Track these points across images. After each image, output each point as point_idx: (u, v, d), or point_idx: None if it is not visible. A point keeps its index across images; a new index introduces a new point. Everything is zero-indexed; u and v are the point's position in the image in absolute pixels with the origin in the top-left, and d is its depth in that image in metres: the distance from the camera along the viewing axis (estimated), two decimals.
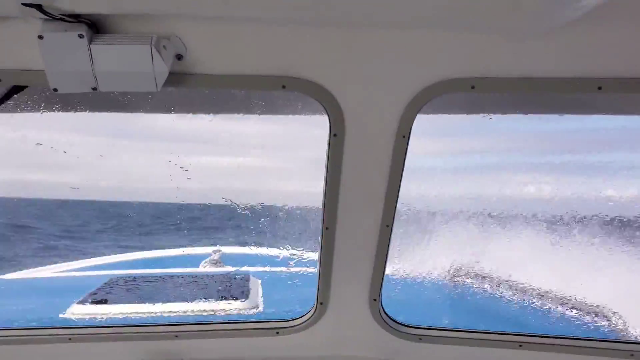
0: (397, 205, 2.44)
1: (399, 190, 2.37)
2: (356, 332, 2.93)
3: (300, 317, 2.89)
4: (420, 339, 2.89)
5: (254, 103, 2.45)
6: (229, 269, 6.44)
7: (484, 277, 4.79)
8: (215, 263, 7.20)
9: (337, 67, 2.01)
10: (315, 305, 2.81)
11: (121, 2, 1.65)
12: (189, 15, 1.80)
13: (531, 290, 4.51)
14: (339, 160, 2.26)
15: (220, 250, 7.64)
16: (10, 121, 2.46)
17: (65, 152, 3.30)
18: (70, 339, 2.80)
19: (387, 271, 2.74)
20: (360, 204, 2.43)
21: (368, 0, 1.68)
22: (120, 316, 3.85)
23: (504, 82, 2.01)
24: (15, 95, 2.10)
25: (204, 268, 6.88)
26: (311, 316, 2.84)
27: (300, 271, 6.01)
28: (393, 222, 2.49)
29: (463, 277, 4.82)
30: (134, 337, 2.83)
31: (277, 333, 2.87)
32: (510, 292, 4.63)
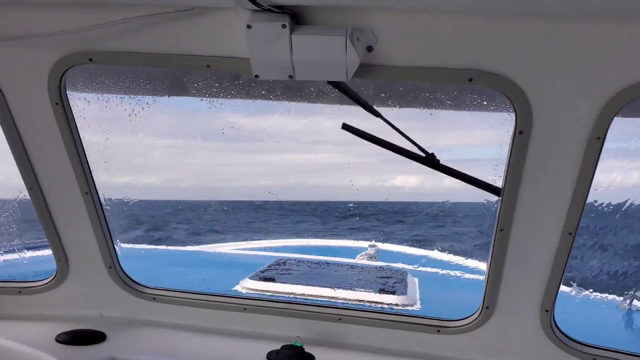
0: (583, 213, 2.27)
1: (587, 196, 2.19)
2: (522, 343, 2.78)
3: (464, 318, 2.82)
4: (594, 359, 2.65)
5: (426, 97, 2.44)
6: (383, 264, 6.53)
7: None
8: (371, 257, 7.38)
9: (529, 60, 1.91)
10: (480, 309, 2.72)
11: None
12: (384, 6, 1.84)
13: None
14: (522, 159, 2.15)
15: (376, 246, 7.83)
16: None
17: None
18: (244, 309, 3.04)
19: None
20: (540, 207, 2.29)
21: None
22: (287, 295, 4.09)
23: None
24: None
25: (361, 260, 7.07)
26: (475, 319, 2.75)
27: (457, 274, 5.90)
28: (576, 231, 2.32)
29: None
30: (301, 315, 2.98)
31: (438, 331, 2.83)
32: None
